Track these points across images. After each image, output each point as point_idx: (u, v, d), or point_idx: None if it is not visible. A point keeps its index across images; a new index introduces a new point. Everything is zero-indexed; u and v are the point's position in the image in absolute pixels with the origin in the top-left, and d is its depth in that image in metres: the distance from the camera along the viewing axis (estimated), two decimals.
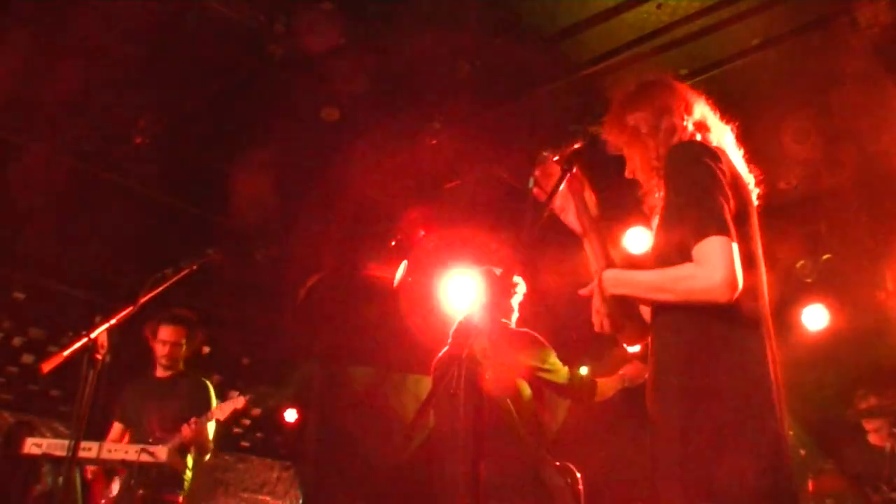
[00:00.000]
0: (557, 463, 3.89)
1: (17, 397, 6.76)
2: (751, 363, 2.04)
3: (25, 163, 5.25)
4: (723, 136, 2.36)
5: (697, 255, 2.00)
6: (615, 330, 2.36)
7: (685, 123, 2.31)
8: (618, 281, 2.25)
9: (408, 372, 7.62)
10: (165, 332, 4.66)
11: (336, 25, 4.25)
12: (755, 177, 2.35)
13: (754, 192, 2.31)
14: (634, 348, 2.73)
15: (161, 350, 4.66)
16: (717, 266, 1.96)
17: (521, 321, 4.21)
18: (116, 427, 4.70)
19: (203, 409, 4.42)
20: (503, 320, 4.10)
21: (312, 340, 7.49)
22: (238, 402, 4.41)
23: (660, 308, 2.21)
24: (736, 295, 1.97)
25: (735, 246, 1.98)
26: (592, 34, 4.42)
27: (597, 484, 4.15)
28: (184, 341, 4.71)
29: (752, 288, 2.07)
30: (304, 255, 6.56)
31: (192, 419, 4.27)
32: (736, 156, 2.34)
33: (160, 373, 4.72)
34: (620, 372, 4.12)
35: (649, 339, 2.27)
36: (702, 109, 2.38)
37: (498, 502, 3.49)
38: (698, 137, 2.29)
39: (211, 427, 4.47)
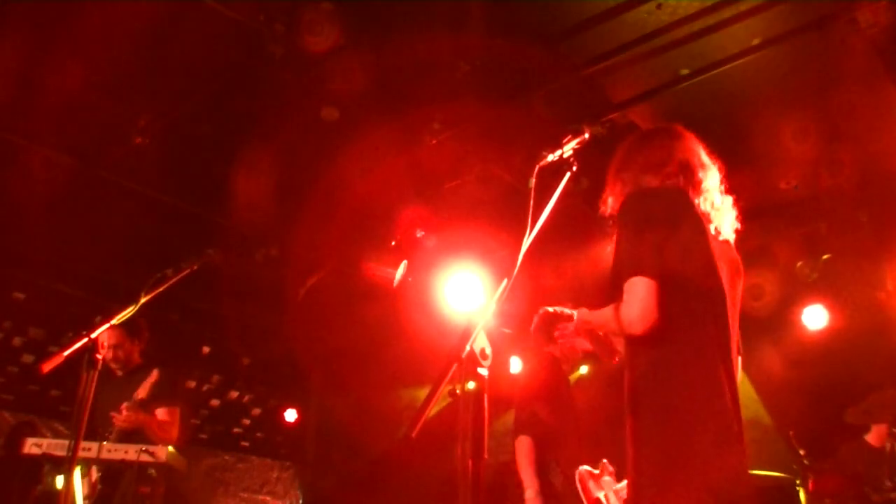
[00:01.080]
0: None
1: (17, 397, 6.77)
2: (697, 390, 2.15)
3: (25, 163, 5.25)
4: (707, 177, 2.47)
5: (624, 292, 2.22)
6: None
7: (663, 174, 2.44)
8: (581, 318, 2.60)
9: (407, 371, 7.62)
10: (104, 337, 4.65)
11: (336, 25, 4.24)
12: (738, 211, 2.52)
13: (733, 226, 2.48)
14: None
15: (106, 354, 4.66)
16: (633, 303, 2.18)
17: (521, 321, 4.23)
18: None
19: (159, 397, 4.41)
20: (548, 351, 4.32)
21: (312, 340, 7.48)
22: (151, 375, 4.40)
23: (625, 340, 2.39)
24: (648, 327, 2.16)
25: (651, 284, 2.16)
26: (592, 34, 4.41)
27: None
28: (125, 341, 4.70)
29: (702, 316, 2.22)
30: (304, 255, 6.56)
31: (122, 405, 4.25)
32: (715, 193, 2.47)
33: (117, 372, 4.74)
34: None
35: None
36: (687, 154, 2.48)
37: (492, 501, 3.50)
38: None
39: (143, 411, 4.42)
